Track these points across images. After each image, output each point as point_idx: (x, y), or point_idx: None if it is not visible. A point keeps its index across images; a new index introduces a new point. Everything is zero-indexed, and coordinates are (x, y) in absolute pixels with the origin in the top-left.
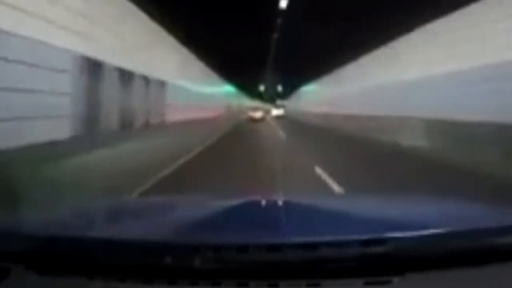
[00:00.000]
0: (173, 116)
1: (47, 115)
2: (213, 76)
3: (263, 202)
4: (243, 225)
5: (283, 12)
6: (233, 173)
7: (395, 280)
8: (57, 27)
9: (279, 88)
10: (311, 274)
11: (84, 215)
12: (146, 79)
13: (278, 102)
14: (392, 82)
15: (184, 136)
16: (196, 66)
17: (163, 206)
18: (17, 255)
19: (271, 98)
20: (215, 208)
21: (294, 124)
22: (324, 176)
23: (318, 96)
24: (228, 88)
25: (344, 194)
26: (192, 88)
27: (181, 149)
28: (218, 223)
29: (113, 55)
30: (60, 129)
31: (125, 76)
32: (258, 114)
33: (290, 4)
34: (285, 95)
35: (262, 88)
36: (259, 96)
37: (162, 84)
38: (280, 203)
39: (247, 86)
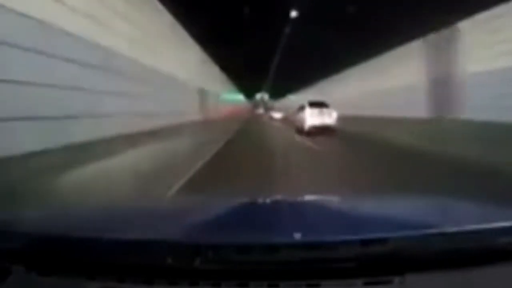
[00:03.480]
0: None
1: None
2: (223, 77)
3: (263, 203)
4: (243, 225)
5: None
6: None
7: (395, 280)
8: None
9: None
10: (311, 274)
11: (84, 215)
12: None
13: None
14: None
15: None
16: (217, 73)
17: (163, 206)
18: (17, 255)
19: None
20: (215, 208)
21: None
22: None
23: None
24: (235, 91)
25: (344, 194)
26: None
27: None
28: (218, 224)
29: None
30: None
31: None
32: (278, 115)
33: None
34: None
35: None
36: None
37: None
38: (280, 203)
39: (252, 85)
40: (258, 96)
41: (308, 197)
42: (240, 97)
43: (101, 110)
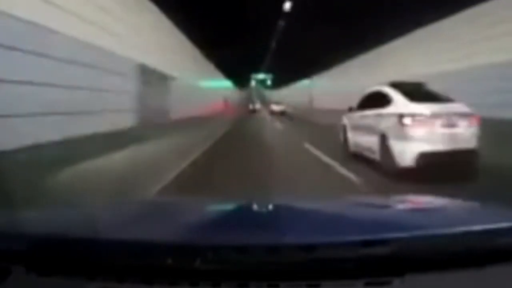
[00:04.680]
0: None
1: None
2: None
3: (264, 204)
4: (244, 226)
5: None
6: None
7: (395, 281)
8: None
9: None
10: (311, 275)
11: (84, 216)
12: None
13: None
14: None
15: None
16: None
17: (163, 207)
18: (17, 255)
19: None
20: (216, 209)
21: None
22: None
23: None
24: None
25: (344, 195)
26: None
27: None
28: (218, 224)
29: None
30: None
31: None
32: (278, 108)
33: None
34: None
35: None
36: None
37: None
38: (280, 204)
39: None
40: (254, 82)
41: (308, 199)
42: (225, 83)
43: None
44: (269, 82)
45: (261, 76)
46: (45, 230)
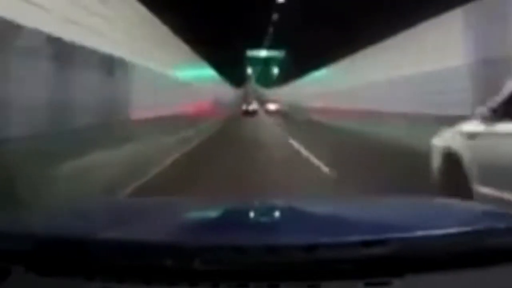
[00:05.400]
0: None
1: None
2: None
3: (263, 204)
4: (243, 226)
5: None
6: None
7: (395, 281)
8: None
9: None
10: (311, 276)
11: (84, 215)
12: None
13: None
14: None
15: None
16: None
17: (162, 207)
18: (17, 255)
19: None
20: (215, 209)
21: None
22: None
23: None
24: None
25: (344, 196)
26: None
27: None
28: (217, 224)
29: None
30: None
31: None
32: (273, 107)
33: None
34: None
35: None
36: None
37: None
38: (280, 204)
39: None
40: (250, 71)
41: (308, 199)
42: (205, 72)
43: None
44: (276, 71)
45: (263, 53)
46: (44, 230)
